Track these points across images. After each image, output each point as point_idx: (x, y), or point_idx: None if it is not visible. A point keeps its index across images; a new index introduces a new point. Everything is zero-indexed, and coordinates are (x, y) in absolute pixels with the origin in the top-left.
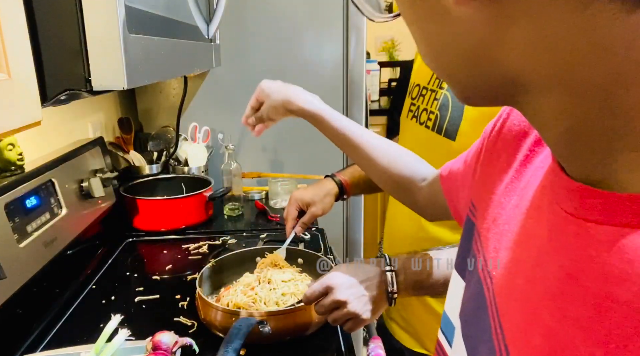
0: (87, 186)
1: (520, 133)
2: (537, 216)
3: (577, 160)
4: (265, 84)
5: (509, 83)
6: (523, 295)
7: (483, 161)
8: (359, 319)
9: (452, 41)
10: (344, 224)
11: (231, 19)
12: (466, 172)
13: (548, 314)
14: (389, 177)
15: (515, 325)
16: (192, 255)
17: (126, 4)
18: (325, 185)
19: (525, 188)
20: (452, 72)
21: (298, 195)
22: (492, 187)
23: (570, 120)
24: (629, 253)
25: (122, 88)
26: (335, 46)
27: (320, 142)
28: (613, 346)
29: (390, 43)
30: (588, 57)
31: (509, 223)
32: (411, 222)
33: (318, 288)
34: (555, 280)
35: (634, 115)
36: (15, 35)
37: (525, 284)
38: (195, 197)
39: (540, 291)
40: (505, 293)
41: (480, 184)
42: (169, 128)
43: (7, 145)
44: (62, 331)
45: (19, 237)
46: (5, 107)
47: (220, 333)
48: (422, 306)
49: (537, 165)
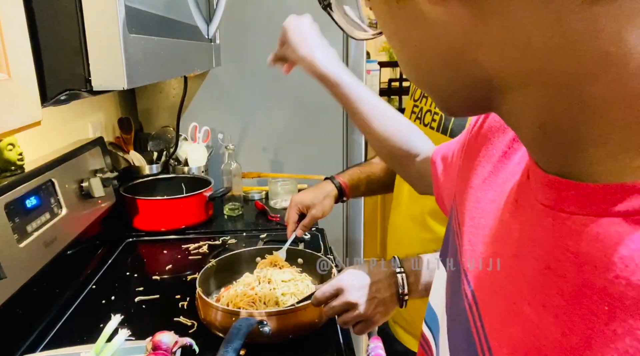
0: (87, 186)
1: (500, 130)
2: (514, 210)
3: (551, 155)
4: (287, 24)
5: (486, 85)
6: (503, 288)
7: (465, 155)
8: (369, 321)
9: (430, 45)
10: (344, 224)
11: (231, 19)
12: (453, 163)
13: (528, 305)
14: (385, 146)
15: (495, 318)
16: (192, 255)
17: (126, 4)
18: (325, 188)
19: (503, 183)
20: (432, 80)
21: (298, 198)
22: (470, 181)
23: (543, 116)
24: (603, 241)
25: (122, 88)
26: (335, 46)
27: (320, 142)
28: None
29: None
30: (558, 51)
31: (484, 218)
32: (416, 224)
33: (329, 290)
34: (534, 272)
35: (600, 107)
36: (15, 35)
37: (504, 278)
38: (195, 197)
39: (520, 284)
40: (484, 287)
41: (461, 178)
42: (169, 128)
43: (7, 145)
44: (62, 331)
45: (19, 237)
46: (5, 107)
47: (220, 333)
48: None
49: (516, 162)
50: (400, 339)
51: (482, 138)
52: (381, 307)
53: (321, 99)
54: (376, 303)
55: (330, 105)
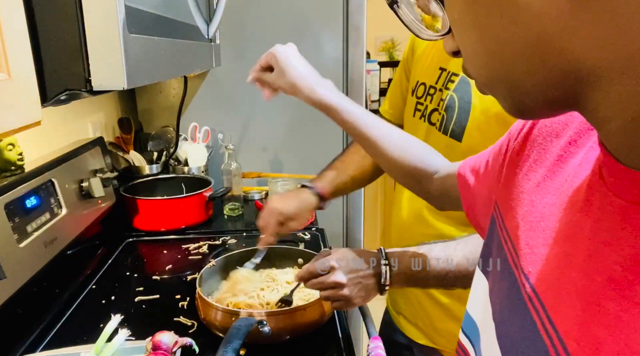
0: (87, 186)
1: (552, 134)
2: (585, 209)
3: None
4: (278, 53)
5: (573, 77)
6: (577, 288)
7: (510, 162)
8: (349, 302)
9: (515, 34)
10: (344, 224)
11: (231, 19)
12: (488, 173)
13: (613, 304)
14: (399, 167)
15: (572, 318)
16: (192, 255)
17: (126, 4)
18: (306, 199)
19: (561, 186)
20: (510, 76)
21: (279, 207)
22: (520, 187)
23: (636, 109)
24: None
25: (122, 88)
26: (335, 46)
27: (320, 142)
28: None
29: (390, 43)
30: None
31: (544, 220)
32: (417, 220)
33: (320, 266)
34: (619, 267)
35: None
36: (15, 35)
37: (579, 277)
38: (195, 197)
39: (601, 281)
40: (551, 288)
41: (506, 185)
42: (169, 128)
43: (7, 145)
44: (62, 331)
45: (19, 237)
46: (5, 107)
47: (220, 333)
48: (429, 300)
49: (577, 163)
50: (403, 329)
51: (531, 144)
52: (363, 292)
53: None
54: (359, 287)
55: None
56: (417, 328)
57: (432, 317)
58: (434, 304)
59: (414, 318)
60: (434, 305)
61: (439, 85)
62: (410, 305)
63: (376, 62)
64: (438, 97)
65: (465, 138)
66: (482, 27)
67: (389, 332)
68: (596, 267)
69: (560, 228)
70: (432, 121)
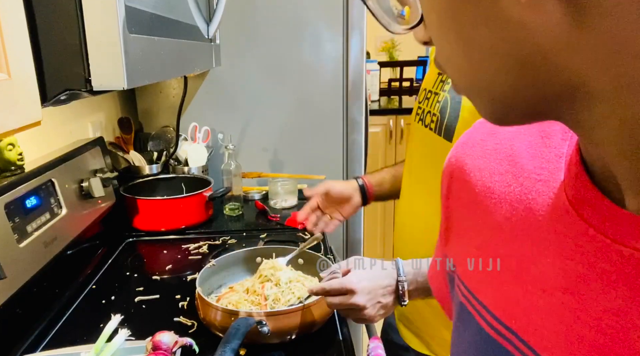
0: (87, 186)
1: None
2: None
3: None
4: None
5: (568, 93)
6: (556, 323)
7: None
8: (371, 321)
9: (506, 49)
10: (344, 224)
11: (231, 19)
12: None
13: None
14: None
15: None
16: (192, 255)
17: (126, 4)
18: (351, 183)
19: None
20: (493, 87)
21: (328, 182)
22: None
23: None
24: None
25: (122, 88)
26: (335, 46)
27: (320, 142)
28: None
29: (390, 43)
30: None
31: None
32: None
33: (337, 287)
34: (609, 309)
35: None
36: (15, 35)
37: (555, 313)
38: (195, 197)
39: (583, 318)
40: (526, 324)
41: (455, 241)
42: (169, 128)
43: (7, 145)
44: (62, 331)
45: (19, 237)
46: (5, 107)
47: (220, 333)
48: (428, 308)
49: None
50: (402, 335)
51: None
52: (382, 310)
53: (321, 99)
54: (379, 307)
55: (330, 105)
56: (415, 335)
57: (430, 325)
58: (432, 313)
59: (411, 325)
60: (432, 314)
61: (436, 88)
62: (408, 313)
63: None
64: (435, 100)
65: (455, 138)
66: (466, 38)
67: (388, 333)
68: (572, 304)
69: (526, 266)
70: (427, 123)
